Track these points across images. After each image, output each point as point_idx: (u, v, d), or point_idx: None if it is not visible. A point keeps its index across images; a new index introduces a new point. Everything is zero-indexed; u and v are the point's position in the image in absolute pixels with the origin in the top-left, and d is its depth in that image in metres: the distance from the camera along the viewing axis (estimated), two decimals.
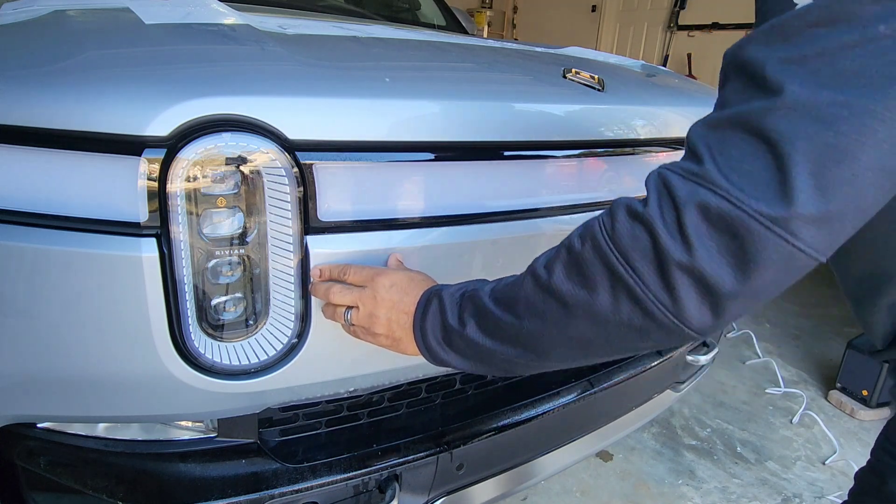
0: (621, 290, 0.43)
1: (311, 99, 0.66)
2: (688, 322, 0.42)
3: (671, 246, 0.40)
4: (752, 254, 0.38)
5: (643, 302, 0.42)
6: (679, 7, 4.76)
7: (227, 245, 0.64)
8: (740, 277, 0.39)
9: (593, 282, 0.45)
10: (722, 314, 0.41)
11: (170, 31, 0.82)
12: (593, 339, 0.47)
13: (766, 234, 0.37)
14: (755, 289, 0.40)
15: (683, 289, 0.41)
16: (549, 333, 0.49)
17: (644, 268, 0.42)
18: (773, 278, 0.39)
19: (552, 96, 0.89)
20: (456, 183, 0.78)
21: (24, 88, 0.63)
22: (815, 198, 0.37)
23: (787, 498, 1.61)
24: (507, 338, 0.53)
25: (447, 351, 0.58)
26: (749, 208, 0.38)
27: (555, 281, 0.48)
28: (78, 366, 0.65)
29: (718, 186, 0.39)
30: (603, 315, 0.45)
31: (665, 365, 1.15)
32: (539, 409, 0.93)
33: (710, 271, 0.39)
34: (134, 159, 0.58)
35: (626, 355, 0.49)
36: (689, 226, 0.40)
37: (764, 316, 2.78)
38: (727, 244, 0.39)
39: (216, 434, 0.76)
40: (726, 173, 0.39)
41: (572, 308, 0.47)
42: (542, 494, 1.55)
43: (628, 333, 0.45)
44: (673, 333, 0.43)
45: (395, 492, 0.77)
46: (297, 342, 0.70)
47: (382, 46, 1.05)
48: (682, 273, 0.40)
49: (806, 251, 0.38)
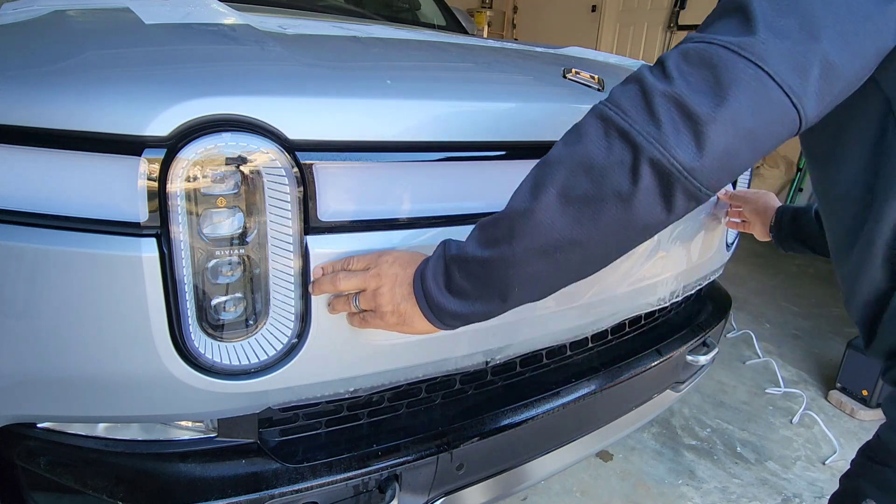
0: (612, 129, 0.48)
1: (311, 99, 0.66)
2: (672, 150, 0.45)
3: (654, 82, 0.46)
4: (726, 78, 0.44)
5: (630, 134, 0.46)
6: (679, 7, 4.76)
7: (227, 245, 0.64)
8: (716, 100, 0.44)
9: (587, 134, 0.49)
10: (704, 143, 0.44)
11: (170, 31, 0.82)
12: (591, 195, 0.48)
13: (736, 58, 0.44)
14: (732, 115, 0.44)
15: (666, 115, 0.45)
16: (547, 203, 0.50)
17: (632, 107, 0.47)
18: (748, 107, 0.44)
19: (552, 96, 0.89)
20: (456, 183, 0.78)
21: (24, 88, 0.63)
22: (773, 24, 0.44)
23: (787, 498, 1.61)
24: (508, 232, 0.53)
25: (451, 298, 0.59)
26: (719, 41, 0.45)
27: (552, 153, 0.52)
28: (78, 366, 0.65)
29: (695, 38, 0.47)
30: (598, 160, 0.48)
31: (665, 365, 1.15)
32: (539, 409, 0.93)
33: (690, 97, 0.44)
34: (134, 159, 0.58)
35: (628, 227, 0.49)
36: (670, 66, 0.47)
37: (764, 316, 2.78)
38: (704, 75, 0.45)
39: (216, 434, 0.76)
40: (702, 29, 0.48)
41: (567, 163, 0.50)
42: (542, 494, 1.55)
43: (622, 180, 0.47)
44: (662, 169, 0.45)
45: (395, 492, 0.77)
46: (297, 342, 0.70)
47: (382, 46, 1.05)
48: (664, 100, 0.45)
49: (774, 77, 0.43)
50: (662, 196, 0.47)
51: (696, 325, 1.29)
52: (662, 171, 0.46)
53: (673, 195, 0.47)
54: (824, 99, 0.46)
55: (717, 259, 1.32)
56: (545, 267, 0.53)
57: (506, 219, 0.54)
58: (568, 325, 0.95)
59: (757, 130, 0.45)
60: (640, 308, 1.09)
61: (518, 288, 0.55)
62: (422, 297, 0.62)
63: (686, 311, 1.38)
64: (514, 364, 0.98)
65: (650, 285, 1.06)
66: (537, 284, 0.55)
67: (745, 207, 1.19)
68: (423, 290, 0.61)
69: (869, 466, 0.63)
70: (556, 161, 0.51)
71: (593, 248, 0.51)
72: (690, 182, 0.46)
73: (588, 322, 0.99)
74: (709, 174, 0.46)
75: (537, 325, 0.91)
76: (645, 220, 0.49)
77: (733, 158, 0.46)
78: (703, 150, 0.44)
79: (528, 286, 0.55)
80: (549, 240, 0.51)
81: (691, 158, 0.45)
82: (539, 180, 0.52)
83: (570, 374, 1.03)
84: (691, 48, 0.47)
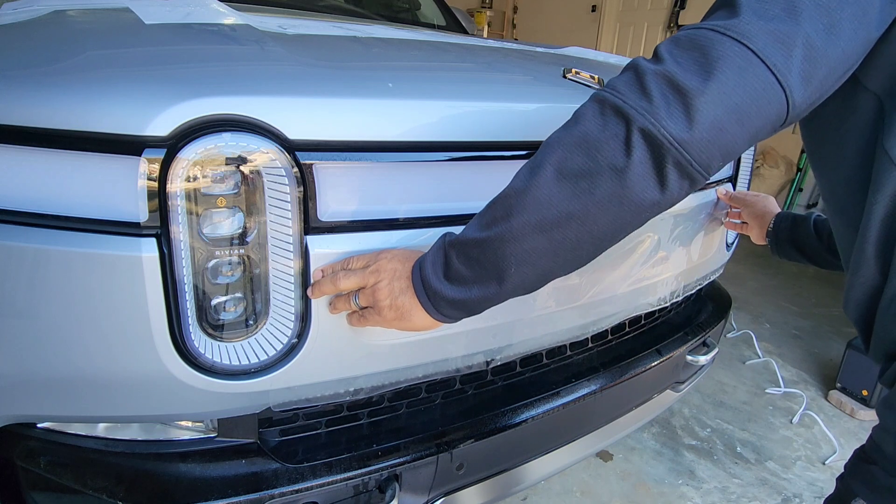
0: (607, 107, 0.50)
1: (311, 99, 0.66)
2: (662, 121, 0.47)
3: (647, 64, 0.49)
4: (713, 55, 0.46)
5: (623, 108, 0.48)
6: (679, 7, 4.76)
7: (227, 245, 0.64)
8: (704, 75, 0.46)
9: (584, 115, 0.52)
10: (693, 115, 0.46)
11: (170, 31, 0.82)
12: (586, 169, 0.50)
13: (722, 37, 0.47)
14: (720, 89, 0.46)
15: (657, 91, 0.47)
16: (545, 179, 0.52)
17: (625, 86, 0.50)
18: (735, 82, 0.46)
19: (552, 96, 0.89)
20: (456, 183, 0.78)
21: (24, 88, 0.63)
22: (757, 9, 0.47)
23: (787, 498, 1.61)
24: (506, 211, 0.54)
25: (449, 284, 0.59)
26: (707, 25, 0.48)
27: (551, 136, 0.54)
28: (78, 366, 0.65)
29: (686, 27, 0.50)
30: (593, 136, 0.50)
31: (665, 365, 1.15)
32: (539, 410, 0.93)
33: (679, 73, 0.47)
34: (134, 159, 0.58)
35: (623, 202, 0.50)
36: (662, 50, 0.50)
37: (764, 316, 2.78)
38: (693, 55, 0.47)
39: (216, 434, 0.76)
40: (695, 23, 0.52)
41: (565, 142, 0.52)
42: (542, 494, 1.55)
43: (616, 152, 0.49)
44: (654, 140, 0.47)
45: (395, 492, 0.77)
46: (297, 342, 0.70)
47: (382, 46, 1.05)
48: (655, 77, 0.48)
49: (758, 54, 0.46)
50: (655, 169, 0.48)
51: (696, 325, 1.29)
52: (654, 142, 0.47)
53: (665, 168, 0.48)
54: (810, 82, 0.48)
55: (717, 259, 1.32)
56: (542, 244, 0.53)
57: (503, 199, 0.55)
58: (568, 325, 0.95)
59: (744, 106, 0.46)
60: (641, 308, 1.09)
61: (515, 268, 0.55)
62: (420, 287, 0.62)
63: (686, 311, 1.38)
64: (514, 364, 0.98)
65: (650, 285, 1.06)
66: (534, 265, 0.55)
67: (745, 210, 1.19)
68: (422, 279, 0.62)
69: (859, 466, 0.63)
70: (554, 141, 0.53)
71: (589, 224, 0.51)
72: (681, 154, 0.47)
73: (588, 322, 0.99)
74: (699, 147, 0.47)
75: (537, 326, 0.91)
76: (640, 196, 0.50)
77: (723, 134, 0.47)
78: (693, 123, 0.46)
79: (525, 267, 0.55)
80: (546, 215, 0.52)
81: (681, 130, 0.46)
82: (537, 160, 0.53)
83: (570, 374, 1.03)
84: (682, 35, 0.50)
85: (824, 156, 0.67)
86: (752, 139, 0.49)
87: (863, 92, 0.58)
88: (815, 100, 0.50)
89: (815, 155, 0.69)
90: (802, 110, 0.50)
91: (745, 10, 0.47)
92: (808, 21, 0.46)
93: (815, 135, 0.67)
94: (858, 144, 0.60)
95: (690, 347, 1.22)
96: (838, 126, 0.62)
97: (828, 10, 0.47)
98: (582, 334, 1.00)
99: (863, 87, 0.57)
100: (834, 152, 0.64)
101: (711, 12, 0.51)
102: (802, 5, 0.46)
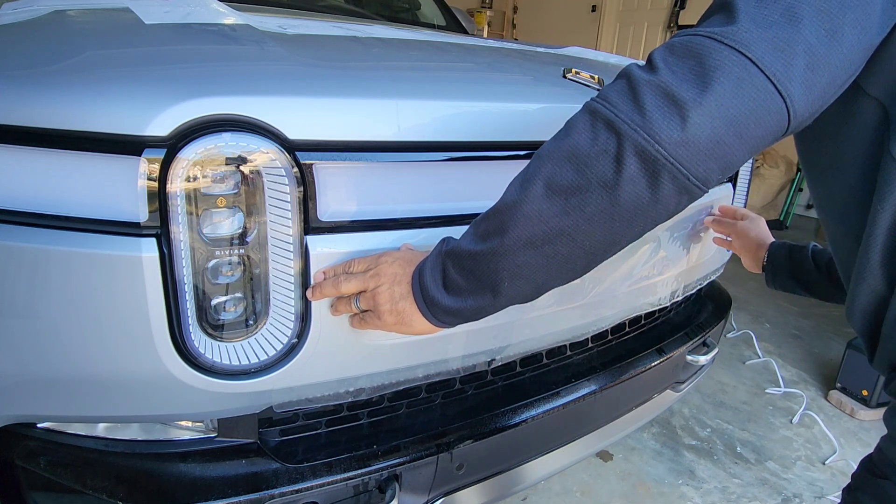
0: (598, 121, 0.48)
1: (311, 99, 0.66)
2: (656, 136, 0.45)
3: (640, 73, 0.47)
4: (710, 65, 0.44)
5: (615, 123, 0.47)
6: (679, 7, 4.76)
7: (227, 245, 0.64)
8: (701, 86, 0.44)
9: (575, 127, 0.50)
10: (689, 128, 0.44)
11: (170, 31, 0.82)
12: (576, 185, 0.48)
13: (719, 45, 0.45)
14: (717, 101, 0.44)
15: (651, 103, 0.45)
16: (535, 194, 0.51)
17: (618, 98, 0.48)
18: (733, 93, 0.44)
19: (552, 96, 0.89)
20: (456, 183, 0.78)
21: (24, 88, 0.63)
22: (755, 15, 0.45)
23: (787, 498, 1.61)
24: (498, 225, 0.53)
25: (446, 294, 0.59)
26: (703, 32, 0.46)
27: (542, 147, 0.53)
28: (78, 366, 0.65)
29: (681, 33, 0.48)
30: (582, 150, 0.48)
31: (665, 365, 1.15)
32: (539, 410, 0.93)
33: (675, 84, 0.45)
34: (134, 159, 0.58)
35: (615, 218, 0.49)
36: (656, 58, 0.47)
37: (764, 316, 2.78)
38: (689, 64, 0.45)
39: (216, 434, 0.76)
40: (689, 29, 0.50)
41: (555, 156, 0.50)
42: (542, 494, 1.55)
43: (606, 169, 0.47)
44: (647, 156, 0.45)
45: (395, 492, 0.77)
46: (298, 342, 0.70)
47: (382, 46, 1.05)
48: (649, 89, 0.46)
49: (757, 63, 0.44)
50: (649, 185, 0.46)
51: (696, 325, 1.29)
52: (647, 158, 0.45)
53: (659, 183, 0.46)
54: (812, 90, 0.46)
55: (717, 259, 1.32)
56: (534, 260, 0.53)
57: (496, 213, 0.55)
58: (568, 326, 0.95)
59: (742, 117, 0.44)
60: (641, 308, 1.09)
61: (508, 282, 0.55)
62: (419, 294, 0.62)
63: (686, 311, 1.38)
64: (514, 364, 0.98)
65: (650, 285, 1.06)
66: (527, 279, 0.55)
67: (736, 241, 1.15)
68: (421, 287, 0.61)
69: (869, 480, 0.62)
70: (545, 154, 0.52)
71: (581, 240, 0.50)
72: (678, 169, 0.45)
73: (588, 322, 0.99)
74: (696, 162, 0.45)
75: (538, 326, 0.91)
76: (631, 212, 0.48)
77: (720, 146, 0.45)
78: (689, 136, 0.44)
79: (519, 280, 0.55)
80: (536, 231, 0.51)
81: (677, 144, 0.44)
82: (528, 174, 0.52)
83: (570, 374, 1.03)
84: (676, 42, 0.48)
85: (821, 163, 0.65)
86: (753, 151, 0.47)
87: (864, 98, 0.56)
88: (817, 109, 0.48)
89: (811, 162, 0.67)
90: (804, 120, 0.48)
91: (743, 16, 0.45)
92: (809, 27, 0.44)
93: (812, 141, 0.65)
94: (860, 151, 0.58)
95: (690, 347, 1.22)
96: (837, 132, 0.60)
97: (829, 15, 0.45)
98: (582, 334, 1.00)
99: (864, 93, 0.56)
100: (832, 159, 0.62)
101: (708, 16, 0.50)
102: (803, 10, 0.45)
